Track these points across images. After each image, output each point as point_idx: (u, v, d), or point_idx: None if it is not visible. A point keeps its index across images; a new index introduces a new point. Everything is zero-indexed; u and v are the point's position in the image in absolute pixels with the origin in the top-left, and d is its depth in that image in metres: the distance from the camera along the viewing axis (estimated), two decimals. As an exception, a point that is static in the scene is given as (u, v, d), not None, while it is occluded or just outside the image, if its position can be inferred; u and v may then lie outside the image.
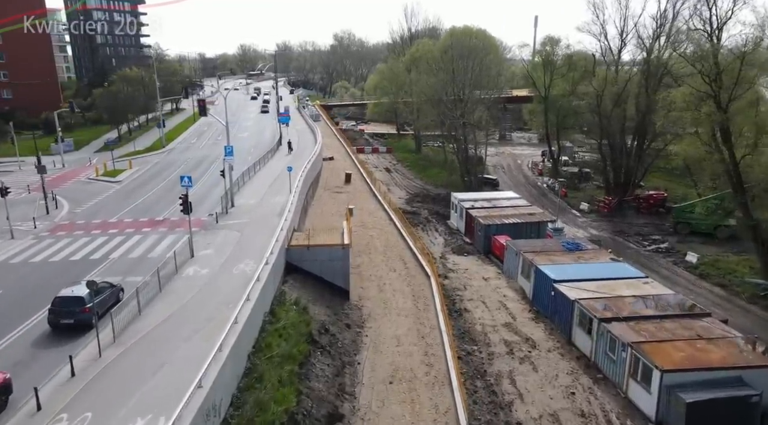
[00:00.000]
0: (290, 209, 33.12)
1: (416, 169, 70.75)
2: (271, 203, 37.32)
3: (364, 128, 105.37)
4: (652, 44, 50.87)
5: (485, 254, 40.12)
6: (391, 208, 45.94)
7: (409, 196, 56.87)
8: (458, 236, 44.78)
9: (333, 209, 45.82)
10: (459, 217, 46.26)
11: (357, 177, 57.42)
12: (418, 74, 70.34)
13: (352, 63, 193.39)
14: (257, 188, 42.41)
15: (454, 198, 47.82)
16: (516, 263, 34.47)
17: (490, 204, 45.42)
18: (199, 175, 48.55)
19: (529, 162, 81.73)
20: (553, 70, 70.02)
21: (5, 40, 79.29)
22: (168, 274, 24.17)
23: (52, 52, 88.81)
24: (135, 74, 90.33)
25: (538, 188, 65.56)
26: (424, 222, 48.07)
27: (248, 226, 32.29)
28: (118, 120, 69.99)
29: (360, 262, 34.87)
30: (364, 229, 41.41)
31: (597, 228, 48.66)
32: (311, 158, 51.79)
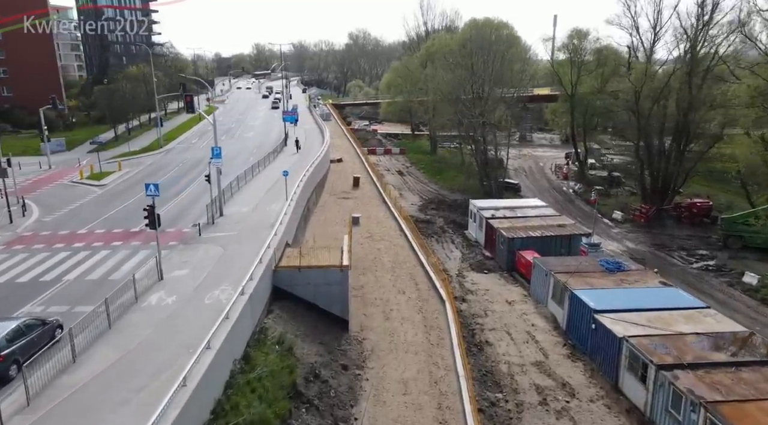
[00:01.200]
0: (282, 220, 28.58)
1: (431, 172, 65.92)
2: (265, 211, 32.88)
3: (377, 128, 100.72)
4: (697, 33, 45.33)
5: (508, 272, 35.21)
6: (401, 216, 41.22)
7: (422, 202, 52.07)
8: (477, 249, 39.90)
9: (338, 217, 41.26)
10: (478, 227, 41.37)
11: (366, 181, 52.82)
12: (434, 70, 65.52)
13: (367, 62, 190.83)
14: (253, 193, 38.03)
15: (472, 206, 42.94)
16: (546, 286, 29.51)
17: (514, 213, 40.43)
18: (192, 178, 44.38)
19: (552, 165, 76.37)
20: (581, 66, 64.68)
21: (5, 38, 76.66)
22: (125, 303, 19.82)
23: (53, 50, 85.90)
24: (137, 72, 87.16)
25: (563, 193, 60.26)
26: (438, 232, 43.24)
27: (235, 239, 27.86)
28: (116, 119, 66.41)
29: (364, 282, 30.21)
30: (371, 241, 36.75)
31: (634, 241, 43.35)
32: (315, 160, 47.31)
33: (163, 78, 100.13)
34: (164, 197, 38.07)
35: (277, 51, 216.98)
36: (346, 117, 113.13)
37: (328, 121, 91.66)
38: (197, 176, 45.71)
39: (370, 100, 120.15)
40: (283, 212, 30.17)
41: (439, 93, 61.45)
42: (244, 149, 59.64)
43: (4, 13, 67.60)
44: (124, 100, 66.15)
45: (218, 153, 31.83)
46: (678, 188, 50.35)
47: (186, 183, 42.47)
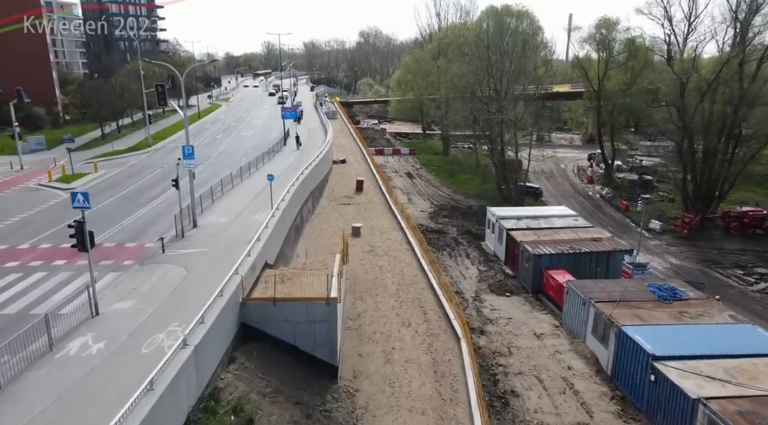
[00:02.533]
0: (260, 236, 23.42)
1: (443, 175, 60.53)
2: (247, 222, 27.76)
3: (386, 127, 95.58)
4: (750, 18, 39.45)
5: (534, 294, 29.80)
6: (409, 226, 35.92)
7: (433, 209, 46.71)
8: (496, 265, 34.51)
9: (336, 227, 36.08)
10: (497, 239, 35.96)
11: (371, 184, 47.58)
12: (448, 63, 60.06)
13: (378, 60, 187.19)
14: (238, 199, 32.97)
15: (490, 214, 37.54)
16: (584, 317, 24.05)
17: (539, 224, 34.97)
18: (173, 181, 39.38)
19: (574, 167, 70.61)
20: (609, 59, 58.93)
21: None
22: (36, 353, 14.80)
23: (46, 46, 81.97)
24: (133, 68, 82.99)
25: (590, 198, 54.55)
26: (451, 245, 37.89)
27: (204, 259, 22.78)
28: (104, 116, 61.92)
29: (362, 310, 24.96)
30: (373, 256, 31.49)
31: (677, 255, 37.65)
32: (313, 161, 42.16)
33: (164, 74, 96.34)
34: (136, 204, 33.34)
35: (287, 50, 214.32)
36: (355, 115, 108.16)
37: (334, 119, 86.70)
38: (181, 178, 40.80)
39: (380, 98, 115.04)
40: (263, 224, 25.00)
41: (452, 88, 56.09)
42: (239, 149, 54.83)
43: (0, 14, 64.52)
44: (113, 96, 61.62)
45: (190, 153, 26.81)
46: (724, 195, 44.41)
47: (165, 187, 37.53)
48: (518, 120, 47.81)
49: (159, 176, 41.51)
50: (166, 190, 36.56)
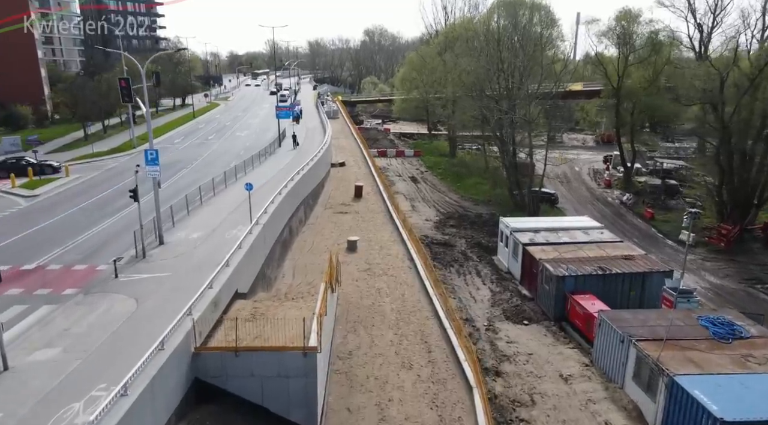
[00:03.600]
0: (229, 261, 19.35)
1: (450, 178, 56.38)
2: (223, 239, 23.82)
3: (389, 128, 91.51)
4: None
5: (556, 321, 25.64)
6: (412, 239, 31.81)
7: (439, 217, 42.59)
8: (510, 284, 30.37)
9: (330, 240, 32.09)
10: (511, 254, 31.80)
11: (371, 190, 43.51)
12: (455, 58, 55.88)
13: (383, 59, 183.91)
14: (218, 210, 29.03)
15: (503, 226, 33.39)
16: (621, 356, 19.89)
17: (559, 238, 30.80)
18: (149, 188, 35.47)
19: (589, 170, 66.35)
20: (628, 54, 54.54)
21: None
22: None
23: (35, 44, 78.54)
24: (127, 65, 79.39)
25: (609, 205, 50.25)
26: (460, 260, 33.77)
27: (162, 287, 18.85)
28: (88, 116, 58.19)
29: (354, 346, 20.90)
30: (370, 276, 27.41)
31: (716, 272, 33.37)
32: (306, 164, 38.14)
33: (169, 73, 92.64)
34: (103, 214, 29.42)
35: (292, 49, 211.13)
36: (358, 115, 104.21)
37: (335, 119, 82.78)
38: (162, 181, 36.88)
39: (383, 97, 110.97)
40: (236, 244, 20.94)
41: (460, 86, 51.85)
42: (230, 150, 50.96)
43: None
44: (98, 94, 57.89)
45: (154, 159, 22.89)
46: (763, 202, 39.95)
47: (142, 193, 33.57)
48: (533, 120, 43.55)
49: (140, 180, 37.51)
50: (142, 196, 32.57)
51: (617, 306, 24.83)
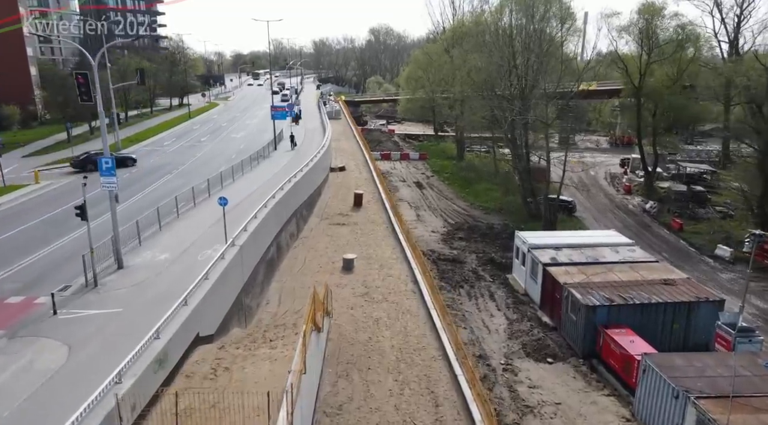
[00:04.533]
0: (187, 299, 15.67)
1: (457, 184, 52.59)
2: (195, 262, 20.27)
3: (394, 129, 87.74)
4: None
5: (585, 358, 21.85)
6: (416, 257, 28.08)
7: (447, 228, 38.82)
8: (529, 309, 26.60)
9: (324, 258, 28.43)
10: (529, 274, 28.02)
11: (372, 198, 39.84)
12: (464, 54, 52.09)
13: (388, 58, 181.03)
14: (195, 224, 25.48)
15: (520, 241, 29.60)
16: (674, 415, 16.12)
17: (583, 256, 27.00)
18: (127, 195, 32.00)
19: (605, 174, 62.39)
20: (651, 51, 50.56)
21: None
22: None
23: (24, 42, 75.64)
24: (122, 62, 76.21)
25: (631, 214, 46.29)
26: (470, 279, 29.99)
27: (107, 328, 15.35)
28: (75, 116, 54.86)
29: (345, 397, 17.20)
30: (368, 302, 23.72)
31: (761, 295, 29.40)
32: (300, 170, 34.51)
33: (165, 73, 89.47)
34: (65, 228, 25.75)
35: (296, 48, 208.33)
36: (362, 116, 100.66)
37: (337, 119, 79.28)
38: (136, 191, 33.45)
39: (388, 97, 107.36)
40: (203, 274, 17.26)
41: (470, 84, 48.01)
42: (222, 153, 47.48)
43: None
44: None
45: (110, 169, 19.29)
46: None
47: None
48: (551, 121, 39.76)
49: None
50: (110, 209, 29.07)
51: (657, 342, 21.07)
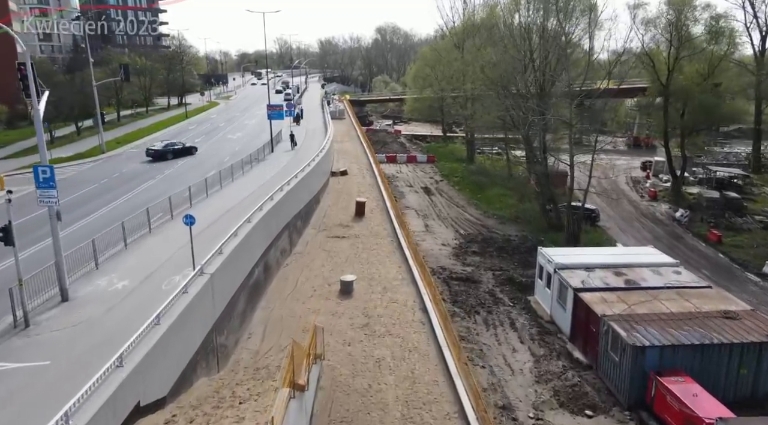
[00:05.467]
0: (123, 358, 11.82)
1: (468, 189, 48.73)
2: (158, 292, 16.64)
3: (400, 129, 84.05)
4: None
5: (630, 409, 17.98)
6: (424, 278, 24.28)
7: (459, 240, 34.98)
8: (557, 341, 22.79)
9: (319, 279, 24.74)
10: (557, 299, 24.18)
11: (376, 206, 36.10)
12: (476, 50, 48.24)
13: (395, 57, 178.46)
14: (168, 241, 21.85)
15: (544, 259, 25.75)
16: None
17: (623, 279, 23.12)
18: (98, 205, 28.44)
19: (626, 178, 58.40)
20: (681, 45, 46.53)
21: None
22: None
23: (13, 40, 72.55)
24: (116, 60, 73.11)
25: (660, 223, 42.28)
26: (487, 302, 26.17)
27: (21, 394, 11.68)
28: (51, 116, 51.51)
29: (335, 475, 13.45)
30: (369, 337, 19.97)
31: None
32: (295, 175, 30.79)
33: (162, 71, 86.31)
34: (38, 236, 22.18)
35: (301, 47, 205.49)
36: (367, 116, 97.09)
37: (341, 120, 75.65)
38: (110, 200, 29.86)
39: (394, 96, 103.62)
40: (153, 317, 13.46)
41: (484, 81, 44.07)
42: (214, 156, 43.97)
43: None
44: (74, 91, 51.29)
45: (48, 180, 15.71)
46: None
47: (78, 215, 26.61)
48: (576, 122, 35.94)
49: (83, 197, 30.57)
50: (76, 220, 25.54)
51: (720, 391, 17.27)
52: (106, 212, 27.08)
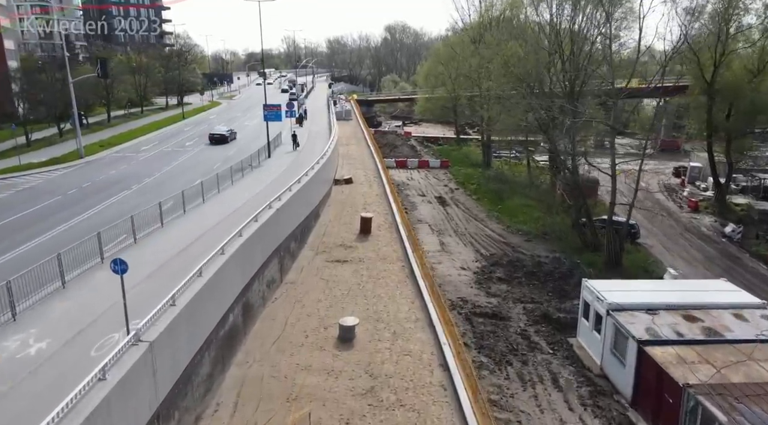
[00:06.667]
0: None
1: (487, 199, 43.75)
2: (85, 361, 11.94)
3: (410, 131, 79.23)
4: None
5: None
6: (444, 318, 19.47)
7: (480, 263, 30.00)
8: (613, 404, 17.84)
9: (313, 320, 20.03)
10: (611, 348, 19.23)
11: (383, 222, 31.32)
12: (496, 44, 43.29)
13: (404, 56, 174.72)
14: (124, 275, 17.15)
15: (591, 295, 20.79)
16: None
17: (699, 327, 18.13)
18: (49, 225, 23.85)
19: (659, 185, 53.16)
20: (728, 38, 41.33)
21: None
22: None
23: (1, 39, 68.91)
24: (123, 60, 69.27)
25: (707, 239, 37.08)
26: (520, 347, 21.21)
27: None
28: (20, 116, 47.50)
29: None
30: (374, 410, 15.16)
31: None
32: (289, 188, 26.04)
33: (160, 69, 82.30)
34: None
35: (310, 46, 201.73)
36: (376, 116, 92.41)
37: (347, 120, 71.09)
38: (74, 215, 25.26)
39: (404, 96, 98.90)
40: (60, 407, 8.77)
41: (508, 78, 38.99)
42: (205, 161, 39.63)
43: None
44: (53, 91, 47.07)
45: None
46: None
47: (30, 234, 22.04)
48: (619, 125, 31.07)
49: (39, 213, 25.98)
50: (15, 247, 20.90)
51: None
52: (60, 233, 22.49)
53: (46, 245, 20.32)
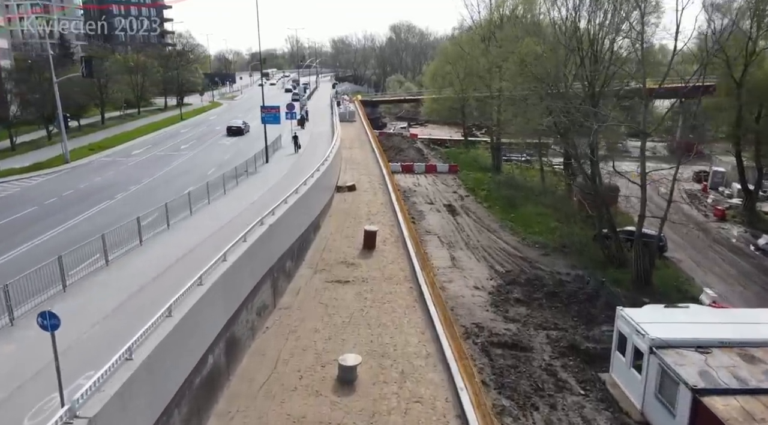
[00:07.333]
0: None
1: (499, 206, 41.03)
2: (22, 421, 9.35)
3: (416, 133, 76.56)
4: None
5: None
6: (458, 353, 16.83)
7: (495, 280, 27.27)
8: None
9: (311, 354, 17.45)
10: (655, 391, 16.53)
11: (389, 235, 28.67)
12: (509, 42, 40.56)
13: (410, 56, 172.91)
14: (85, 310, 14.66)
15: (628, 327, 18.08)
16: None
17: (762, 372, 15.37)
18: (26, 238, 21.31)
19: (679, 191, 50.09)
20: (758, 38, 38.53)
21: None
22: None
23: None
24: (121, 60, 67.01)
25: (739, 252, 34.25)
26: (546, 384, 18.50)
27: None
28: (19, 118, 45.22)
29: None
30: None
31: None
32: (285, 200, 23.41)
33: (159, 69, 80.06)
34: None
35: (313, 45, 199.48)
36: (381, 117, 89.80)
37: (351, 122, 68.53)
38: (45, 229, 22.73)
39: (410, 97, 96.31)
40: None
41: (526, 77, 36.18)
42: (199, 166, 37.25)
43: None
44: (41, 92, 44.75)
45: None
46: None
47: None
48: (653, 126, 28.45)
49: (7, 228, 23.44)
50: None
51: None
52: (21, 255, 19.92)
53: (1, 270, 17.76)
